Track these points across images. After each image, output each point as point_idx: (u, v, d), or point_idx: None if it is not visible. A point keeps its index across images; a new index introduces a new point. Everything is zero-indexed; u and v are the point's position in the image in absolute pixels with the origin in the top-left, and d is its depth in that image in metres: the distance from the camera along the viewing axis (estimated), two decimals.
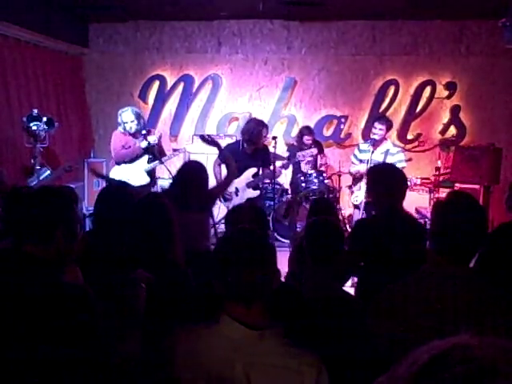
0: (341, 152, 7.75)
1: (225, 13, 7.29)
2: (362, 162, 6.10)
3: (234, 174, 4.44)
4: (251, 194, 5.83)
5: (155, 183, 6.14)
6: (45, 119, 5.80)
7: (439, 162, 7.12)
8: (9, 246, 1.90)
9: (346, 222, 6.59)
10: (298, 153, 6.30)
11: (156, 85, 7.94)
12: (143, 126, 5.87)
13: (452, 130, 7.62)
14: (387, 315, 1.78)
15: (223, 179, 4.49)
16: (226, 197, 5.83)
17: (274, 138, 5.87)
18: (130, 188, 3.40)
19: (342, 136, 7.80)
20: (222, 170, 5.92)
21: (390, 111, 7.59)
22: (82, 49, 7.78)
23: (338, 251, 2.61)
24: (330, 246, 2.56)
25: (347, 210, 6.89)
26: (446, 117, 7.65)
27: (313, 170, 6.69)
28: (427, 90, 7.60)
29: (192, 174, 3.79)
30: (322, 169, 6.91)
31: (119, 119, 5.81)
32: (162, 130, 7.51)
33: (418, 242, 2.84)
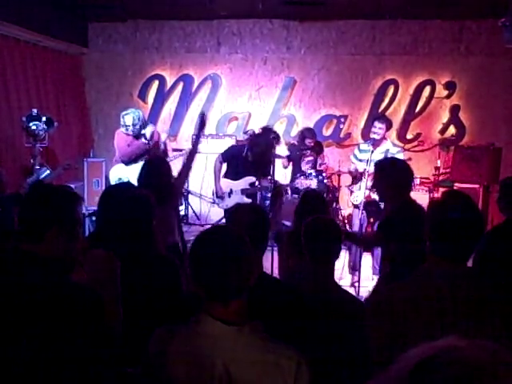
0: (340, 152, 7.75)
1: (224, 12, 7.29)
2: (362, 161, 6.11)
3: (188, 169, 4.45)
4: (243, 200, 5.79)
5: None
6: (44, 119, 5.80)
7: (439, 162, 7.12)
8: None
9: (346, 221, 6.59)
10: (302, 163, 6.40)
11: (155, 84, 7.94)
12: (142, 128, 5.94)
13: (451, 130, 7.62)
14: (386, 315, 1.77)
15: (177, 173, 4.53)
16: (219, 195, 5.85)
17: (278, 137, 5.86)
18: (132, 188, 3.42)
19: (341, 136, 7.80)
20: (222, 168, 5.93)
21: (390, 111, 7.59)
22: (81, 48, 7.78)
23: (337, 250, 2.61)
24: (330, 246, 2.56)
25: (347, 209, 6.90)
26: (445, 116, 7.65)
27: (312, 170, 6.68)
28: (427, 90, 7.60)
29: (151, 170, 3.98)
30: (322, 168, 6.90)
31: (121, 121, 5.87)
32: (161, 130, 7.52)
33: None
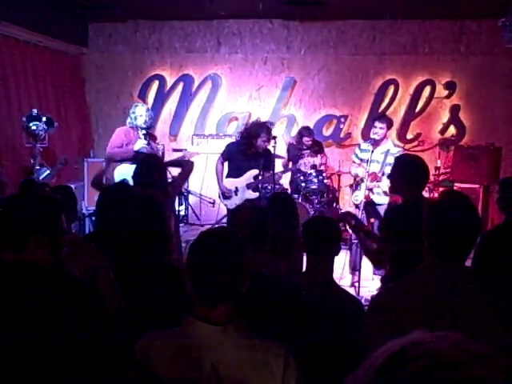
0: (340, 152, 7.75)
1: (224, 12, 7.29)
2: (363, 161, 6.11)
3: (189, 170, 4.45)
4: (250, 195, 5.84)
5: None
6: (44, 119, 5.81)
7: (439, 162, 7.12)
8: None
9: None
10: (300, 160, 6.32)
11: (155, 84, 7.94)
12: (149, 126, 5.84)
13: (451, 130, 7.62)
14: (385, 315, 1.78)
15: (177, 175, 4.52)
16: (226, 195, 5.85)
17: (274, 137, 5.86)
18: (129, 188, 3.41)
19: (341, 136, 7.80)
20: (223, 168, 5.93)
21: (390, 111, 7.58)
22: (81, 48, 7.79)
23: (336, 249, 2.62)
24: (330, 245, 2.56)
25: (347, 209, 6.89)
26: (445, 116, 7.65)
27: (312, 170, 6.68)
28: (427, 90, 7.60)
29: (145, 168, 3.94)
30: (322, 168, 6.90)
31: (132, 111, 5.70)
32: (161, 130, 7.54)
33: None
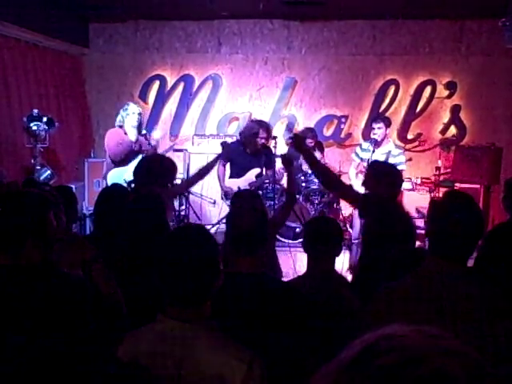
0: (341, 152, 7.74)
1: (225, 13, 7.29)
2: (363, 160, 6.11)
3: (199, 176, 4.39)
4: None
5: None
6: (45, 119, 5.81)
7: (439, 162, 7.12)
8: None
9: (347, 221, 6.59)
10: (302, 158, 6.32)
11: (156, 85, 7.94)
12: (140, 123, 5.85)
13: (452, 130, 7.62)
14: (385, 315, 1.77)
15: (185, 181, 4.47)
16: (228, 195, 5.85)
17: (274, 137, 5.87)
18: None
19: (342, 136, 7.80)
20: (225, 170, 5.93)
21: (390, 111, 7.59)
22: (82, 49, 7.78)
23: (338, 250, 2.62)
24: (331, 245, 2.56)
25: (347, 209, 6.88)
26: (446, 116, 7.65)
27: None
28: (427, 90, 7.59)
29: (146, 168, 3.85)
30: None
31: (123, 111, 5.70)
32: (162, 130, 7.53)
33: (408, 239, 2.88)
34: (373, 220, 2.80)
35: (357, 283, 2.87)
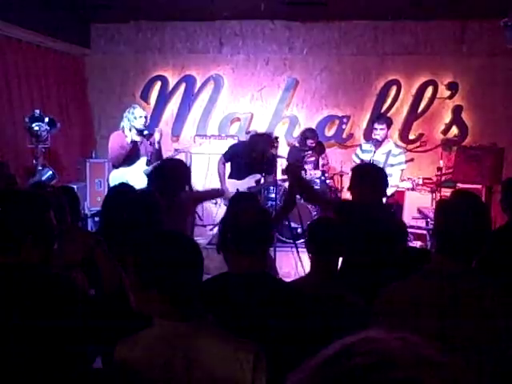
0: (342, 152, 7.74)
1: (226, 13, 7.29)
2: (364, 161, 6.11)
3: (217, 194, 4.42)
4: None
5: None
6: (47, 120, 5.81)
7: (441, 162, 7.10)
8: None
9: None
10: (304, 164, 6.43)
11: (158, 85, 7.94)
12: (145, 128, 5.89)
13: (454, 130, 7.62)
14: (389, 315, 1.77)
15: (209, 191, 4.49)
16: (226, 197, 5.84)
17: (276, 138, 5.86)
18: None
19: (343, 136, 7.80)
20: (225, 169, 5.93)
21: (392, 111, 7.58)
22: (83, 49, 7.79)
23: (340, 250, 2.62)
24: (334, 246, 2.56)
25: None
26: (447, 117, 7.65)
27: (316, 171, 6.68)
28: (429, 90, 7.59)
29: (175, 171, 3.85)
30: (324, 169, 6.90)
31: (130, 115, 5.76)
32: (163, 131, 7.53)
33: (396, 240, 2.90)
34: (351, 227, 2.81)
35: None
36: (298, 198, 6.29)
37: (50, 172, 5.80)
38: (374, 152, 5.99)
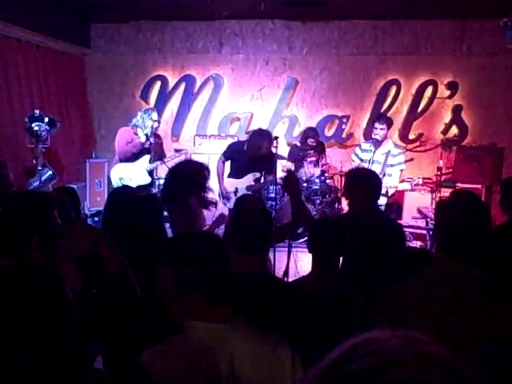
0: (342, 152, 7.74)
1: (226, 13, 7.29)
2: (363, 161, 6.11)
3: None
4: None
5: (155, 183, 6.17)
6: (47, 119, 5.81)
7: (441, 162, 7.11)
8: None
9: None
10: (301, 169, 6.48)
11: (157, 85, 7.94)
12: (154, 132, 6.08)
13: (454, 130, 7.62)
14: (391, 315, 1.77)
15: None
16: (225, 195, 5.85)
17: (276, 138, 5.85)
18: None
19: (343, 136, 7.80)
20: (225, 168, 5.93)
21: (392, 111, 7.59)
22: (83, 49, 7.79)
23: (342, 251, 2.62)
24: (335, 247, 2.56)
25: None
26: (447, 117, 7.65)
27: (316, 168, 6.68)
28: (429, 90, 7.59)
29: (194, 174, 3.71)
30: (324, 169, 6.91)
31: (147, 115, 5.90)
32: (163, 131, 7.53)
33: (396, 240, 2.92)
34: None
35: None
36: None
37: (50, 172, 5.80)
38: (374, 152, 5.99)
